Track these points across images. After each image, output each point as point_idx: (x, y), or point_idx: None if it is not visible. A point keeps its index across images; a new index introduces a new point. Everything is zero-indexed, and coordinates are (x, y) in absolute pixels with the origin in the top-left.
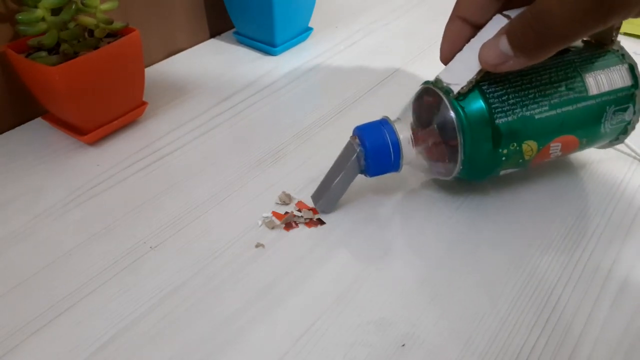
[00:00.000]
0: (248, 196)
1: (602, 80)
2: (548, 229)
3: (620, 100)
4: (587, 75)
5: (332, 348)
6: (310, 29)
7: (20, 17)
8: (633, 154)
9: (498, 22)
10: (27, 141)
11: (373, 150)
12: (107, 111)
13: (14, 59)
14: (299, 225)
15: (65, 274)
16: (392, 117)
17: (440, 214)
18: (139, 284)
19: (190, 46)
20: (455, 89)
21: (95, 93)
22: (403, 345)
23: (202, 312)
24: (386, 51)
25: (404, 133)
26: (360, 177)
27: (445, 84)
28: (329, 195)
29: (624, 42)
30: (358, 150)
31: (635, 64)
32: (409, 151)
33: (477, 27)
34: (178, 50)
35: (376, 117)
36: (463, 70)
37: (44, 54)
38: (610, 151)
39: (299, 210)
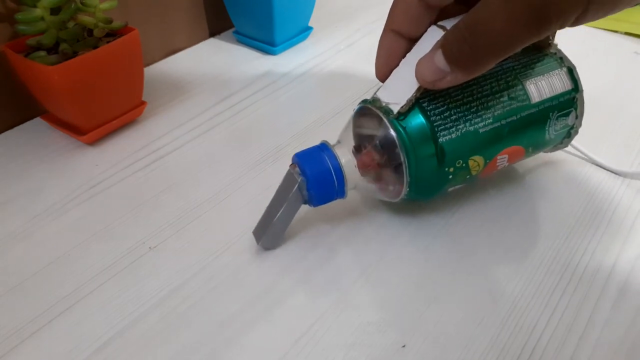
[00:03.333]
0: (248, 196)
1: (543, 86)
2: (548, 230)
3: (562, 105)
4: (527, 82)
5: (332, 348)
6: (310, 28)
7: (19, 16)
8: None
9: (434, 34)
10: (26, 141)
11: (314, 179)
12: (106, 111)
13: (13, 58)
14: None
15: (65, 274)
16: (332, 141)
17: (440, 214)
18: (139, 284)
19: (190, 45)
20: (395, 109)
21: (95, 93)
22: (403, 346)
23: (202, 312)
24: None
25: (346, 157)
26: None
27: (384, 104)
28: (271, 231)
29: (624, 41)
30: (299, 180)
31: (574, 66)
32: (353, 176)
33: (412, 40)
34: (177, 50)
35: None
36: (401, 87)
37: (43, 53)
38: None
39: None
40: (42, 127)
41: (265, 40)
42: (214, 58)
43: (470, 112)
